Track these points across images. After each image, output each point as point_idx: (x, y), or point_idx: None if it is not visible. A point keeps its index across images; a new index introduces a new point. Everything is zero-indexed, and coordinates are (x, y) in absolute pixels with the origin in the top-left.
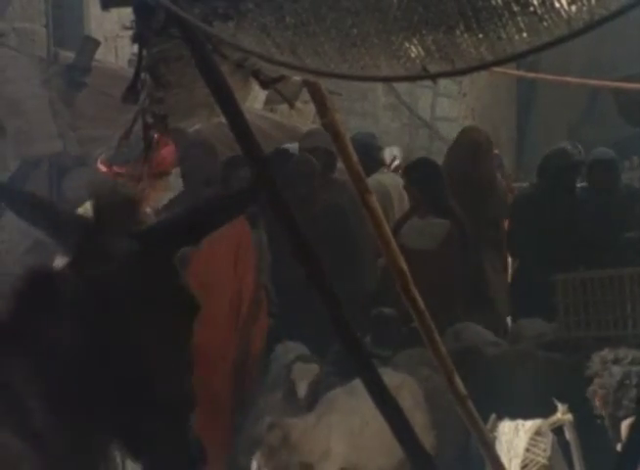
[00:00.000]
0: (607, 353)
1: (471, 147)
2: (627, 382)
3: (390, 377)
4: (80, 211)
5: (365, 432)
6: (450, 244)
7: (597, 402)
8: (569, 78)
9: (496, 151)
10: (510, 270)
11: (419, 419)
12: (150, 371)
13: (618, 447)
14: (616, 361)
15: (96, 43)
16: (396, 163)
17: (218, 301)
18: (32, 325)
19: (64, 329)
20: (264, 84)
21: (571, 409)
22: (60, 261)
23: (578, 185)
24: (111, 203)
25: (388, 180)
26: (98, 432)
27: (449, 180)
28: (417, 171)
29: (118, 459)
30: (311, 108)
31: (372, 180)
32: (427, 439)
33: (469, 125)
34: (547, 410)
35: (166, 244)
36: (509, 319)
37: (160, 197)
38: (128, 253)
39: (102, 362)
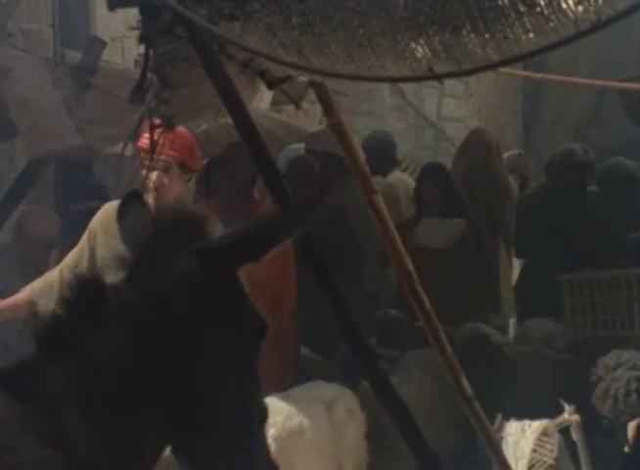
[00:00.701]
0: (609, 359)
1: (486, 149)
2: (629, 387)
3: (323, 389)
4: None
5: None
6: (465, 243)
7: (601, 407)
8: (575, 79)
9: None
10: (513, 270)
11: (351, 432)
12: (209, 393)
13: (625, 449)
14: (618, 366)
15: (102, 44)
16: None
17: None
18: (77, 337)
19: (111, 344)
20: (270, 85)
21: (577, 410)
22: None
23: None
24: (173, 217)
25: (396, 180)
26: (149, 454)
27: (464, 183)
28: (432, 173)
29: None
30: (317, 108)
31: (392, 179)
32: (356, 453)
33: (477, 127)
34: (554, 411)
35: (227, 261)
36: (511, 320)
37: (182, 188)
38: (186, 269)
39: (155, 382)
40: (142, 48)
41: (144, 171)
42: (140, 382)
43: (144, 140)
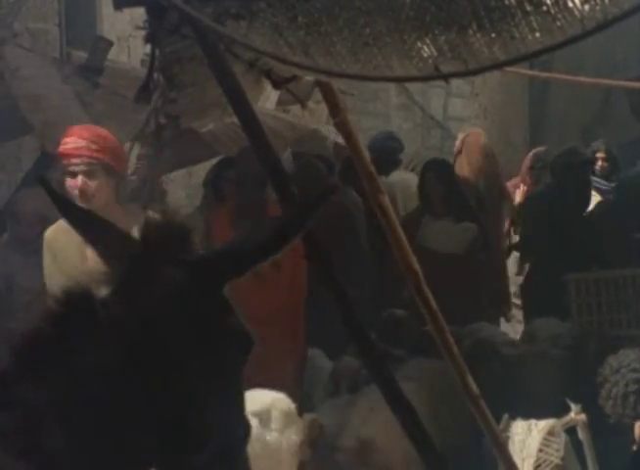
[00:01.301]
0: (614, 359)
1: (486, 151)
2: (628, 389)
3: (255, 399)
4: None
5: None
6: (477, 248)
7: (606, 408)
8: (582, 78)
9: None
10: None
11: (291, 436)
12: (196, 409)
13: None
14: (621, 367)
15: (109, 43)
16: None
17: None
18: (62, 350)
19: (96, 359)
20: (276, 84)
21: (584, 409)
22: None
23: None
24: (160, 229)
25: (397, 179)
26: (131, 466)
27: (469, 185)
28: (435, 167)
29: None
30: (323, 108)
31: (393, 178)
32: (298, 457)
33: (473, 130)
34: (560, 410)
35: (215, 275)
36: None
37: (107, 195)
38: (174, 282)
39: (142, 398)
40: (148, 48)
41: (66, 177)
42: (126, 398)
43: (64, 146)
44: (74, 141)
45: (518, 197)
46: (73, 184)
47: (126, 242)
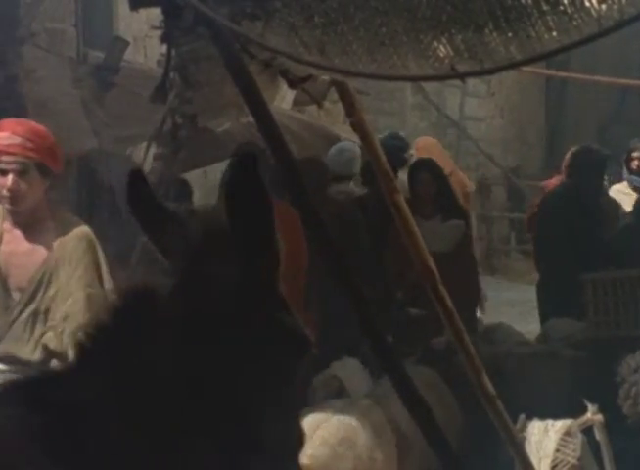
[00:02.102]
0: (632, 359)
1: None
2: None
3: None
4: None
5: None
6: (466, 244)
7: (624, 407)
8: (598, 77)
9: None
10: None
11: None
12: (254, 408)
13: None
14: (638, 367)
15: (125, 43)
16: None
17: None
18: (122, 349)
19: (158, 359)
20: (292, 84)
21: (600, 410)
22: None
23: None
24: (217, 229)
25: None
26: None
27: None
28: (429, 171)
29: None
30: (340, 107)
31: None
32: None
33: (424, 137)
34: (576, 410)
35: (271, 275)
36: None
37: (39, 197)
38: (232, 283)
39: (201, 398)
40: (164, 47)
41: None
42: (185, 399)
43: None
44: (8, 137)
45: None
46: (2, 183)
47: (186, 237)
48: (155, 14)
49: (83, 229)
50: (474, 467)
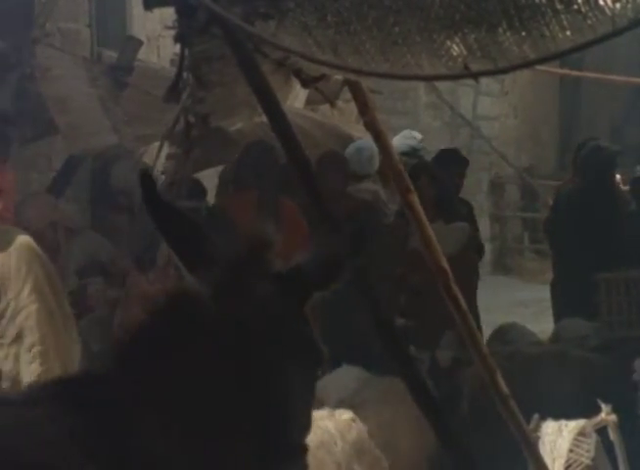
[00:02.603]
0: None
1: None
2: None
3: None
4: None
5: None
6: (471, 246)
7: None
8: (612, 76)
9: None
10: None
11: None
12: (280, 412)
13: None
14: None
15: (139, 43)
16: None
17: None
18: (167, 350)
19: (197, 358)
20: (305, 83)
21: (614, 410)
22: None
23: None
24: (256, 242)
25: None
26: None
27: None
28: (425, 175)
29: None
30: (353, 107)
31: None
32: None
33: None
34: (589, 411)
35: (301, 291)
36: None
37: None
38: (267, 296)
39: (232, 399)
40: (178, 47)
41: None
42: (222, 402)
43: None
44: None
45: None
46: None
47: (220, 251)
48: (168, 13)
49: (26, 239)
50: (487, 467)
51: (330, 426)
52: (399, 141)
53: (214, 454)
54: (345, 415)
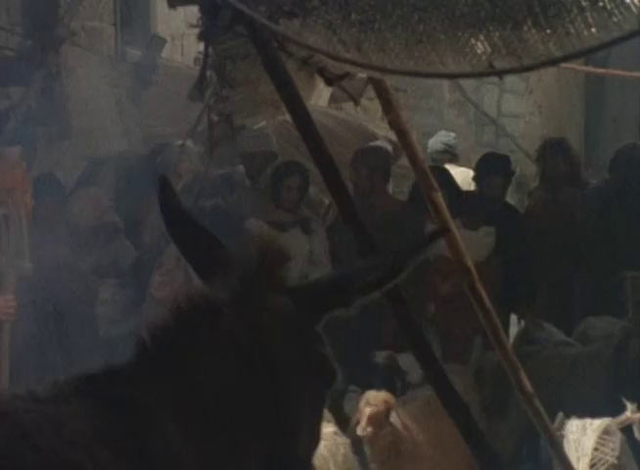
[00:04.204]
0: None
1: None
2: None
3: None
4: None
5: None
6: (497, 252)
7: None
8: (638, 74)
9: None
10: None
11: None
12: (291, 427)
13: None
14: None
15: (163, 41)
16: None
17: None
18: (186, 353)
19: (217, 363)
20: (329, 81)
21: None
22: None
23: None
24: (267, 253)
25: None
26: None
27: None
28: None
29: None
30: (377, 105)
31: None
32: None
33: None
34: (615, 409)
35: (320, 306)
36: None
37: None
38: (283, 310)
39: (246, 408)
40: (202, 46)
41: None
42: (238, 410)
43: None
44: None
45: None
46: None
47: (235, 263)
48: (193, 12)
49: None
50: (513, 466)
51: (320, 447)
52: (434, 141)
53: (226, 458)
54: (329, 428)
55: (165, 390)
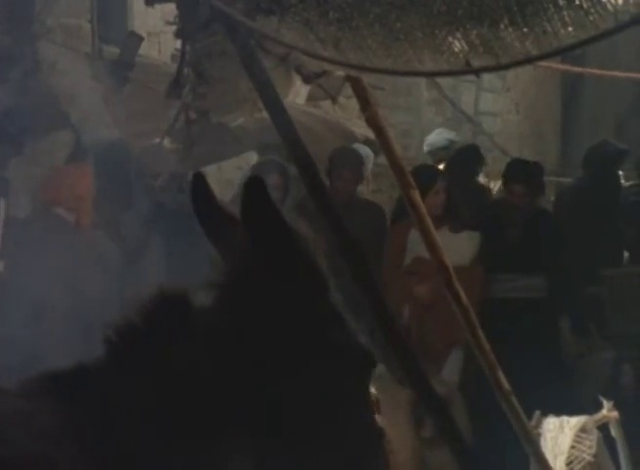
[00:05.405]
0: None
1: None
2: None
3: None
4: None
5: None
6: (481, 257)
7: None
8: (614, 73)
9: None
10: None
11: None
12: (290, 425)
13: None
14: None
15: (140, 39)
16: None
17: None
18: (156, 351)
19: (188, 364)
20: (307, 79)
21: (616, 406)
22: None
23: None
24: (274, 246)
25: None
26: None
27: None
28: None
29: None
30: (354, 103)
31: None
32: None
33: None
34: (593, 408)
35: (322, 287)
36: None
37: None
38: (288, 301)
39: (224, 404)
40: (179, 43)
41: None
42: (215, 408)
43: None
44: None
45: None
46: None
47: (245, 249)
48: (170, 9)
49: None
50: (489, 464)
51: None
52: (435, 137)
53: (197, 462)
54: None
55: (134, 388)
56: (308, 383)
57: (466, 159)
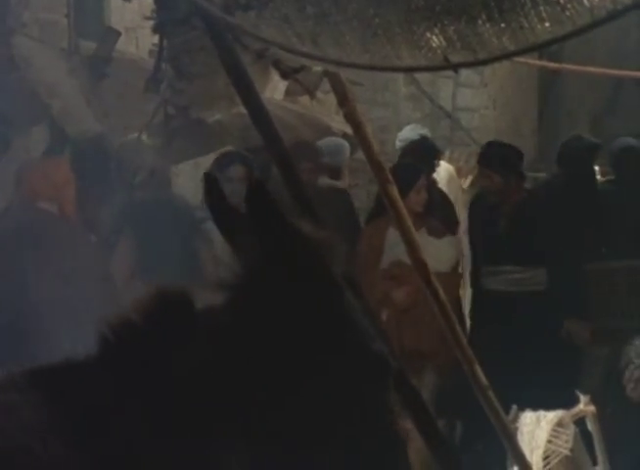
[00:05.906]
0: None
1: None
2: None
3: None
4: None
5: None
6: (459, 264)
7: (628, 391)
8: (591, 68)
9: None
10: None
11: None
12: (286, 430)
13: None
14: None
15: (117, 34)
16: None
17: None
18: (150, 349)
19: (188, 363)
20: (285, 74)
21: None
22: None
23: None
24: (290, 247)
25: None
26: None
27: None
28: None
29: None
30: (332, 98)
31: None
32: None
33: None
34: (570, 401)
35: (335, 296)
36: None
37: None
38: (299, 302)
39: (228, 413)
40: (156, 38)
41: None
42: (206, 408)
43: None
44: None
45: None
46: None
47: (257, 251)
48: (147, 4)
49: None
50: (467, 458)
51: None
52: (408, 133)
53: (188, 464)
54: None
55: (126, 387)
56: (318, 386)
57: (418, 154)
